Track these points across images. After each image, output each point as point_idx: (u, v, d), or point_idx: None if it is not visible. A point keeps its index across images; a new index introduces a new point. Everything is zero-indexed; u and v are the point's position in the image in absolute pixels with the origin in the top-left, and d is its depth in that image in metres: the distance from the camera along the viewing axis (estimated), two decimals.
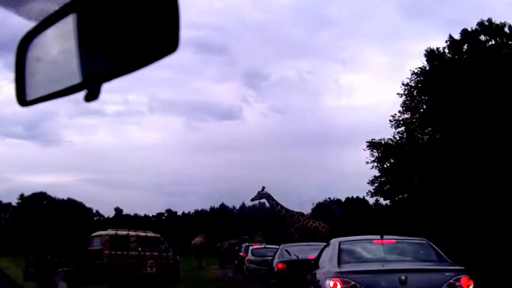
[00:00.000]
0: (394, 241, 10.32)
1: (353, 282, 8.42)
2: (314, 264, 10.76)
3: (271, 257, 19.53)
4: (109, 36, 1.44)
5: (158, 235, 22.78)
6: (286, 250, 17.61)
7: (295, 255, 16.40)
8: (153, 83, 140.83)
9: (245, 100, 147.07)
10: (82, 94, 1.50)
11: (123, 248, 20.78)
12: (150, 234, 22.50)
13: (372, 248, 10.11)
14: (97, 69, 1.48)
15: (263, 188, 35.95)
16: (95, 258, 20.34)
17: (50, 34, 1.65)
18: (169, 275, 21.35)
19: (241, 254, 28.42)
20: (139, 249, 21.25)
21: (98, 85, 1.46)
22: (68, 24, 1.57)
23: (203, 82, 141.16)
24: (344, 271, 8.80)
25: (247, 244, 30.66)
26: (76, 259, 20.24)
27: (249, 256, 25.24)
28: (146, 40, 1.37)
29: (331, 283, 8.52)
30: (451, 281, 8.40)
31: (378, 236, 9.84)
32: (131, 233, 21.75)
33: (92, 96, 1.46)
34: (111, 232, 21.60)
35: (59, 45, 1.60)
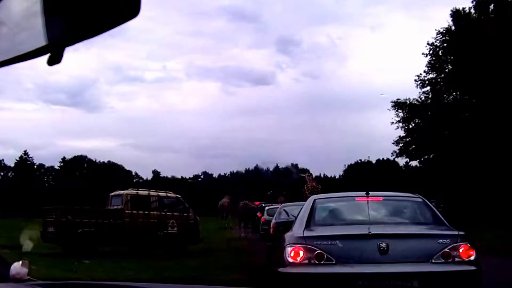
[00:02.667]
0: (381, 198, 8.55)
1: (318, 251, 6.69)
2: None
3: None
4: None
5: (179, 196, 22.46)
6: (285, 210, 16.17)
7: (293, 215, 14.06)
8: (190, 50, 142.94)
9: (279, 66, 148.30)
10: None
11: (144, 207, 20.50)
12: (170, 194, 22.23)
13: (353, 207, 8.39)
14: (61, 32, 1.49)
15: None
16: (116, 217, 20.07)
17: None
18: (189, 235, 21.06)
19: (257, 214, 28.98)
20: (160, 209, 20.99)
21: (61, 49, 1.48)
22: None
23: (238, 49, 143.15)
24: (309, 235, 7.02)
25: (264, 204, 31.35)
26: (96, 219, 19.66)
27: (264, 216, 25.63)
28: (109, 4, 1.40)
29: (292, 252, 6.82)
30: (446, 249, 6.62)
31: (363, 193, 7.94)
32: (152, 193, 21.59)
33: (55, 59, 1.47)
34: (132, 191, 21.32)
35: (24, 9, 1.58)
